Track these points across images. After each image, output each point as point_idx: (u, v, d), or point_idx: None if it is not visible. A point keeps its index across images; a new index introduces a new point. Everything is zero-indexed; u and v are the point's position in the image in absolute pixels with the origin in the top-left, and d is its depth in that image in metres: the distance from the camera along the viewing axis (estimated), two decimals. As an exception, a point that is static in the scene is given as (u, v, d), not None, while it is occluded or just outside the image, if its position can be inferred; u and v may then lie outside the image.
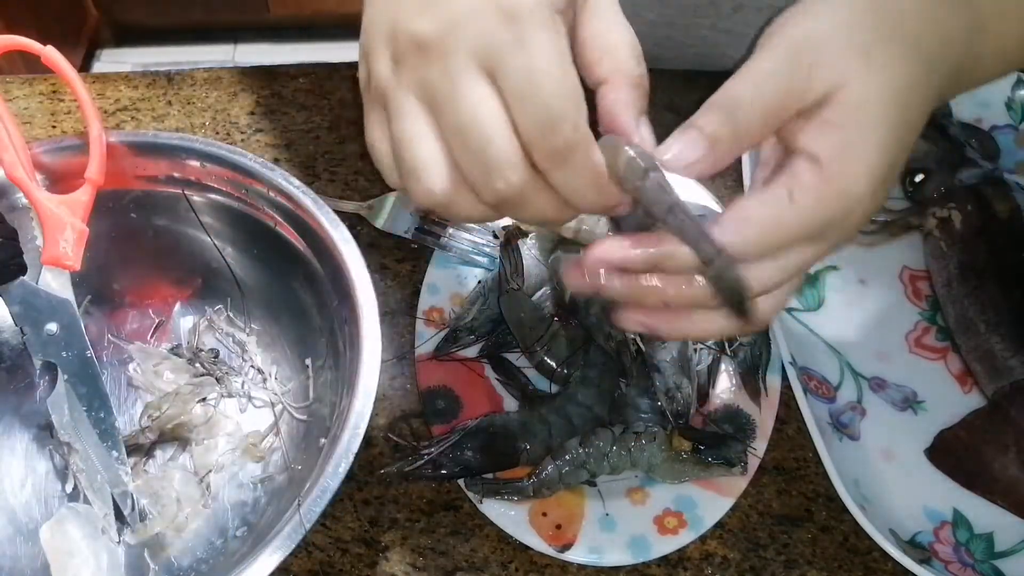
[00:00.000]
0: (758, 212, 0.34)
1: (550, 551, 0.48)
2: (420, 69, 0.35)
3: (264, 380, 0.55)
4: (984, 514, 0.52)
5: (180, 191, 0.54)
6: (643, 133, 0.36)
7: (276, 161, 0.65)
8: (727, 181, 0.64)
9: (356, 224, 0.62)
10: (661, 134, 0.41)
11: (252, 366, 0.55)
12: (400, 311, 0.58)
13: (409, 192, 0.36)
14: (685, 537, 0.49)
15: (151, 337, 0.56)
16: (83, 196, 0.50)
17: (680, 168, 0.34)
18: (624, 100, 0.37)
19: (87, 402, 0.48)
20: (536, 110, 0.33)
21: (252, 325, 0.57)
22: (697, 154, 0.34)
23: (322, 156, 0.66)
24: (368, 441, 0.54)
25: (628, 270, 0.36)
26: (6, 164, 0.49)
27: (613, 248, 0.36)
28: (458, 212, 0.36)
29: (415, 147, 0.35)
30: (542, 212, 0.35)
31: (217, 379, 0.54)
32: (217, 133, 0.67)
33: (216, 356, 0.55)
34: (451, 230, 0.58)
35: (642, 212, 0.35)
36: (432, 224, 0.59)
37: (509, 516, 0.49)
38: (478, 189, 0.35)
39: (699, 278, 0.35)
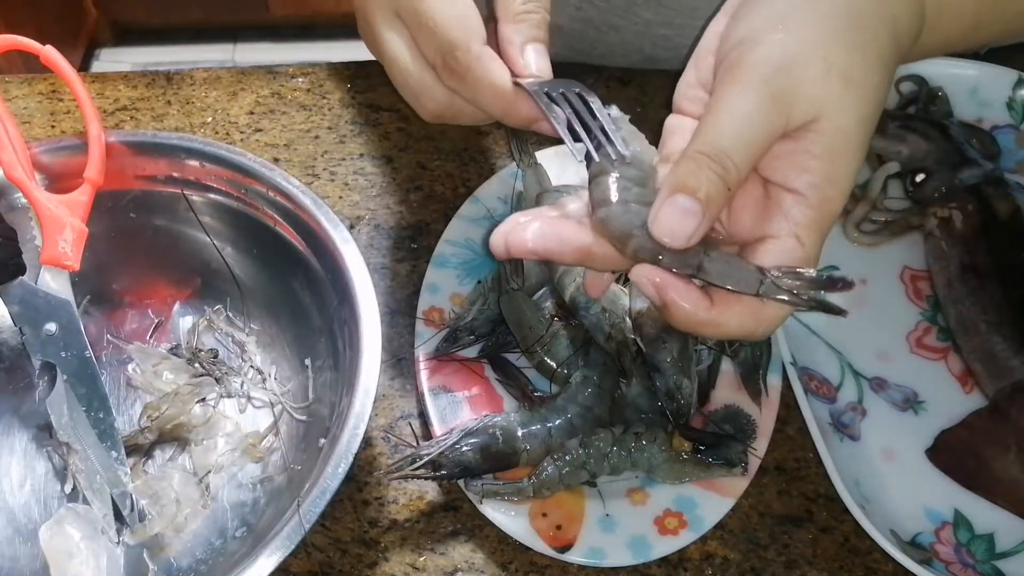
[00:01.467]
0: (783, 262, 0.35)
1: (550, 552, 0.48)
2: (360, 22, 0.45)
3: (263, 380, 0.55)
4: (985, 515, 0.51)
5: (180, 191, 0.54)
6: (527, 60, 0.41)
7: (276, 161, 0.65)
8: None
9: (355, 224, 0.62)
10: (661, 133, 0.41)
11: (251, 366, 0.55)
12: (400, 311, 0.58)
13: None
14: (685, 538, 0.49)
15: (150, 337, 0.56)
16: (82, 196, 0.50)
17: (677, 244, 0.34)
18: (507, 34, 0.41)
19: (86, 402, 0.48)
20: (430, 41, 0.41)
21: (251, 325, 0.57)
22: (694, 225, 0.34)
23: (322, 156, 0.66)
24: (368, 441, 0.54)
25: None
26: (5, 164, 0.49)
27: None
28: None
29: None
30: (475, 118, 0.43)
31: (216, 379, 0.54)
32: (216, 133, 0.67)
33: (215, 356, 0.55)
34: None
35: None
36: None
37: (509, 517, 0.49)
38: (416, 108, 0.44)
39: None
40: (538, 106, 0.40)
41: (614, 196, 0.36)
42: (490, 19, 0.43)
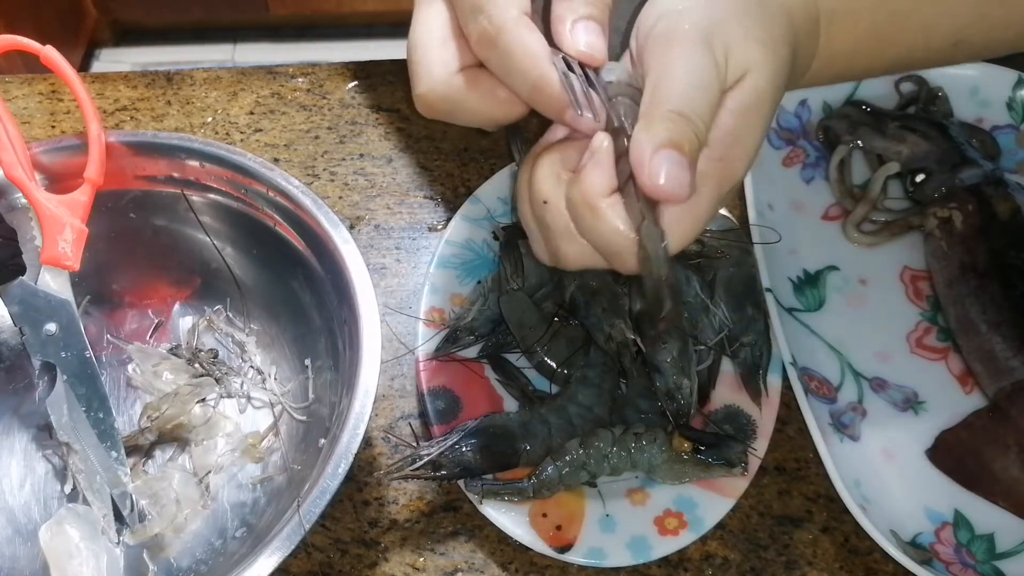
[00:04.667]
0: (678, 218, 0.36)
1: (550, 552, 0.48)
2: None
3: (263, 380, 0.55)
4: (985, 515, 0.51)
5: (179, 191, 0.54)
6: (576, 36, 0.38)
7: (276, 161, 0.65)
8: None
9: (355, 224, 0.62)
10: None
11: (251, 366, 0.55)
12: (400, 311, 0.58)
13: None
14: (686, 538, 0.49)
15: (150, 337, 0.56)
16: (82, 196, 0.50)
17: (683, 193, 0.35)
18: (558, 12, 0.38)
19: (86, 402, 0.48)
20: (465, 3, 0.38)
21: (251, 325, 0.57)
22: (690, 175, 0.35)
23: (322, 156, 0.66)
24: (368, 442, 0.54)
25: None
26: (5, 164, 0.49)
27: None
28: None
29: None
30: (475, 116, 0.40)
31: (216, 379, 0.54)
32: (216, 133, 0.67)
33: (215, 356, 0.55)
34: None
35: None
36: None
37: (509, 517, 0.49)
38: (413, 95, 0.40)
39: None
40: (565, 88, 0.37)
41: None
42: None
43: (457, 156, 0.66)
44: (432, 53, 0.39)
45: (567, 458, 0.49)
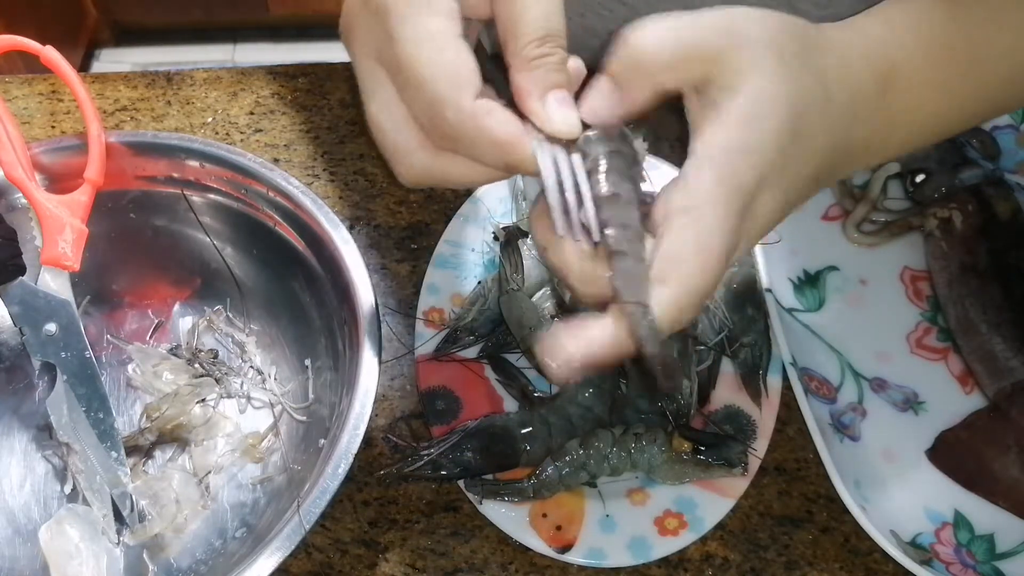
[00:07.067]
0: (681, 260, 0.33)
1: (550, 552, 0.48)
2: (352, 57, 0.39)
3: (263, 381, 0.55)
4: (985, 515, 0.51)
5: (179, 191, 0.54)
6: (550, 113, 0.35)
7: (276, 161, 0.65)
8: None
9: (355, 224, 0.62)
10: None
11: (251, 367, 0.55)
12: (400, 311, 0.58)
13: None
14: (686, 538, 0.49)
15: (150, 337, 0.56)
16: (82, 196, 0.50)
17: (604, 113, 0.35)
18: (521, 84, 0.35)
19: (86, 403, 0.48)
20: (415, 98, 0.34)
21: (251, 325, 0.57)
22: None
23: (322, 156, 0.66)
24: (368, 442, 0.54)
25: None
26: (5, 164, 0.49)
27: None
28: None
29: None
30: (467, 180, 0.37)
31: (216, 380, 0.54)
32: (216, 133, 0.67)
33: (215, 357, 0.55)
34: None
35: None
36: None
37: (509, 517, 0.49)
38: (395, 175, 0.37)
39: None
40: (556, 205, 0.34)
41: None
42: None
43: (457, 156, 0.66)
44: (400, 133, 0.36)
45: (567, 458, 0.49)
